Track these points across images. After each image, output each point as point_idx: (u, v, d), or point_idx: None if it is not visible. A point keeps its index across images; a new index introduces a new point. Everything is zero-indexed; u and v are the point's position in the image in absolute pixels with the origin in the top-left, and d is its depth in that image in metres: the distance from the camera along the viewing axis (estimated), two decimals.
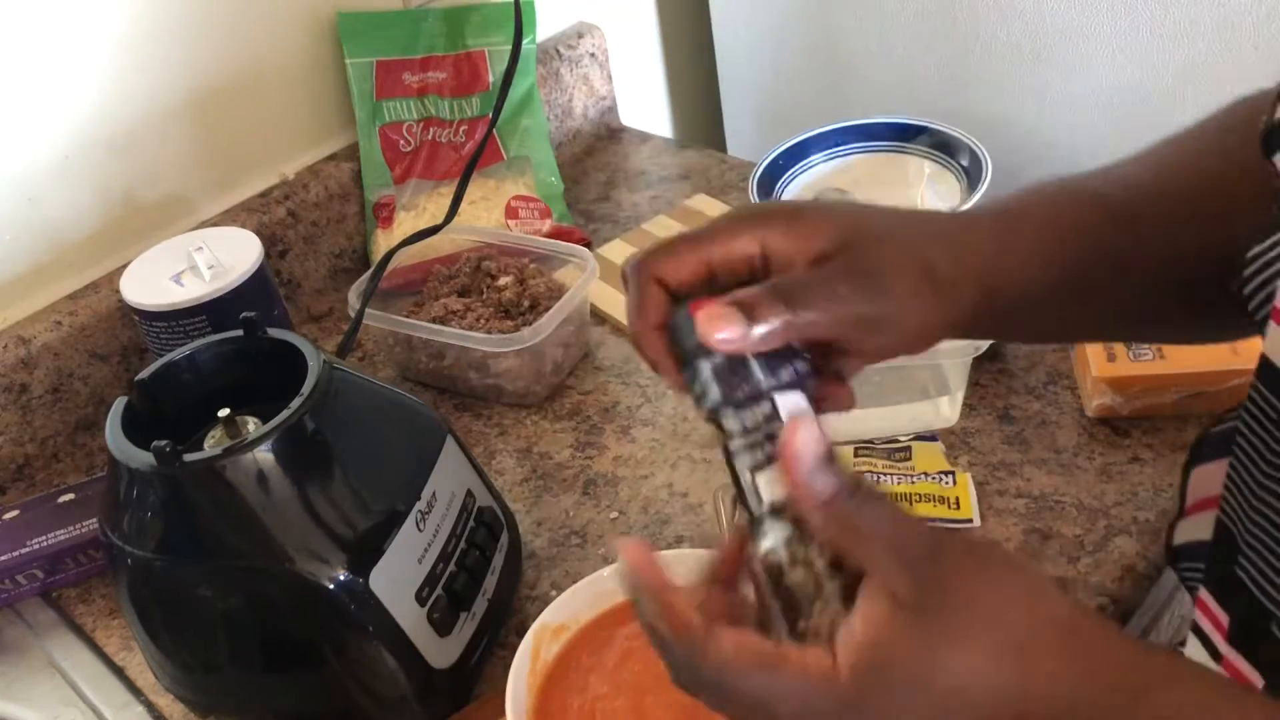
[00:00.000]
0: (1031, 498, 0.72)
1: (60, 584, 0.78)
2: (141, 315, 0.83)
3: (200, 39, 0.92)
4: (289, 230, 0.99)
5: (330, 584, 0.58)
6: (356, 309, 0.86)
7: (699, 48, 1.32)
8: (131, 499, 0.60)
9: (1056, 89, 1.04)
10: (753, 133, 1.32)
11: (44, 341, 0.87)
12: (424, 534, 0.63)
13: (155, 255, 0.86)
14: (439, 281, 0.92)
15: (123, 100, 0.90)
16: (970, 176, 0.96)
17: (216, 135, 0.96)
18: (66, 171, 0.88)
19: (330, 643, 0.60)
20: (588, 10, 1.19)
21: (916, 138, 1.01)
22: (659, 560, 0.41)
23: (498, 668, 0.67)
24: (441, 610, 0.62)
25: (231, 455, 0.58)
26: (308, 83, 1.01)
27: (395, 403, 0.69)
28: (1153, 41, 0.96)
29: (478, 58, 1.03)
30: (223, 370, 0.66)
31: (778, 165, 1.02)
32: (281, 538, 0.58)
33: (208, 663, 0.64)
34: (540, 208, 1.03)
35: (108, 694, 0.71)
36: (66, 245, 0.90)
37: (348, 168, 1.03)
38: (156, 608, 0.63)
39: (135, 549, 0.60)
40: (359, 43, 1.01)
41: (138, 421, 0.61)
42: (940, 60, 1.10)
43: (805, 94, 1.23)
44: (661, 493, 0.78)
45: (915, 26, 1.10)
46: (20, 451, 0.88)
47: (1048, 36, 1.01)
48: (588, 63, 1.17)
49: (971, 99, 1.09)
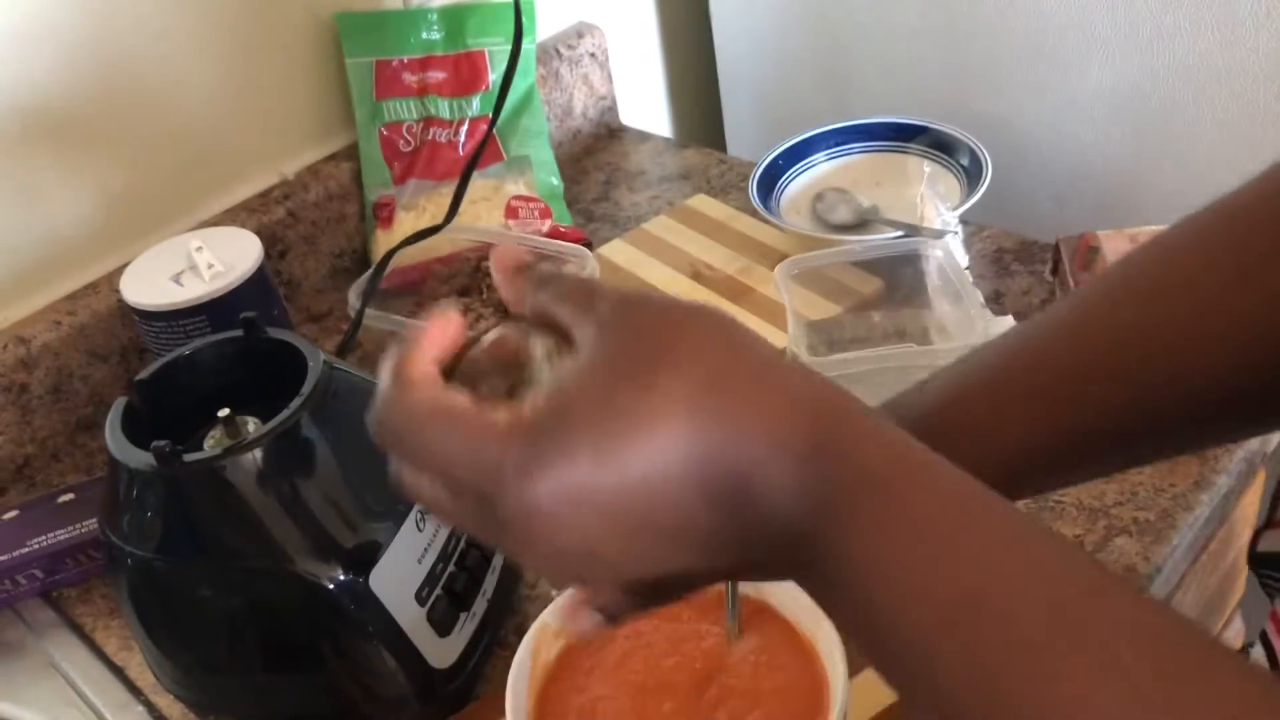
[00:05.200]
0: (1032, 498, 0.72)
1: (60, 584, 0.78)
2: (141, 315, 0.83)
3: (200, 39, 0.92)
4: (289, 230, 0.99)
5: (330, 584, 0.58)
6: (356, 309, 0.86)
7: (699, 48, 1.32)
8: (131, 499, 0.60)
9: (1056, 88, 1.04)
10: (753, 133, 1.32)
11: (44, 341, 0.87)
12: (424, 534, 0.63)
13: (155, 255, 0.86)
14: (439, 281, 0.92)
15: (123, 100, 0.90)
16: (970, 176, 0.96)
17: (216, 135, 0.96)
18: (66, 171, 0.88)
19: (330, 643, 0.60)
20: (588, 10, 1.19)
21: (916, 138, 1.01)
22: (460, 322, 0.39)
23: (498, 668, 0.67)
24: (441, 610, 0.62)
25: (231, 455, 0.58)
26: (308, 83, 1.01)
27: None
28: (1153, 41, 0.96)
29: (478, 58, 1.03)
30: (223, 370, 0.66)
31: (778, 165, 1.02)
32: (281, 538, 0.58)
33: (208, 663, 0.64)
34: (540, 208, 1.03)
35: (108, 694, 0.71)
36: (66, 245, 0.90)
37: (348, 168, 1.03)
38: (156, 608, 0.63)
39: (135, 549, 0.60)
40: (359, 43, 1.01)
41: (138, 421, 0.61)
42: (940, 60, 1.10)
43: (805, 94, 1.23)
44: None
45: (915, 26, 1.10)
46: (20, 451, 0.88)
47: (1048, 35, 1.01)
48: (588, 63, 1.17)
49: (971, 99, 1.09)
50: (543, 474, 0.33)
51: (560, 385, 0.35)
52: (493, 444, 0.34)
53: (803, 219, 0.99)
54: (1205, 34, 0.93)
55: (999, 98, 1.08)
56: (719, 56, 1.29)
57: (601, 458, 0.33)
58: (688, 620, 0.59)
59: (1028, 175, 1.09)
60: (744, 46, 1.26)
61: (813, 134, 1.03)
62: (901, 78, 1.14)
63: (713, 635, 0.58)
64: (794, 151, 1.03)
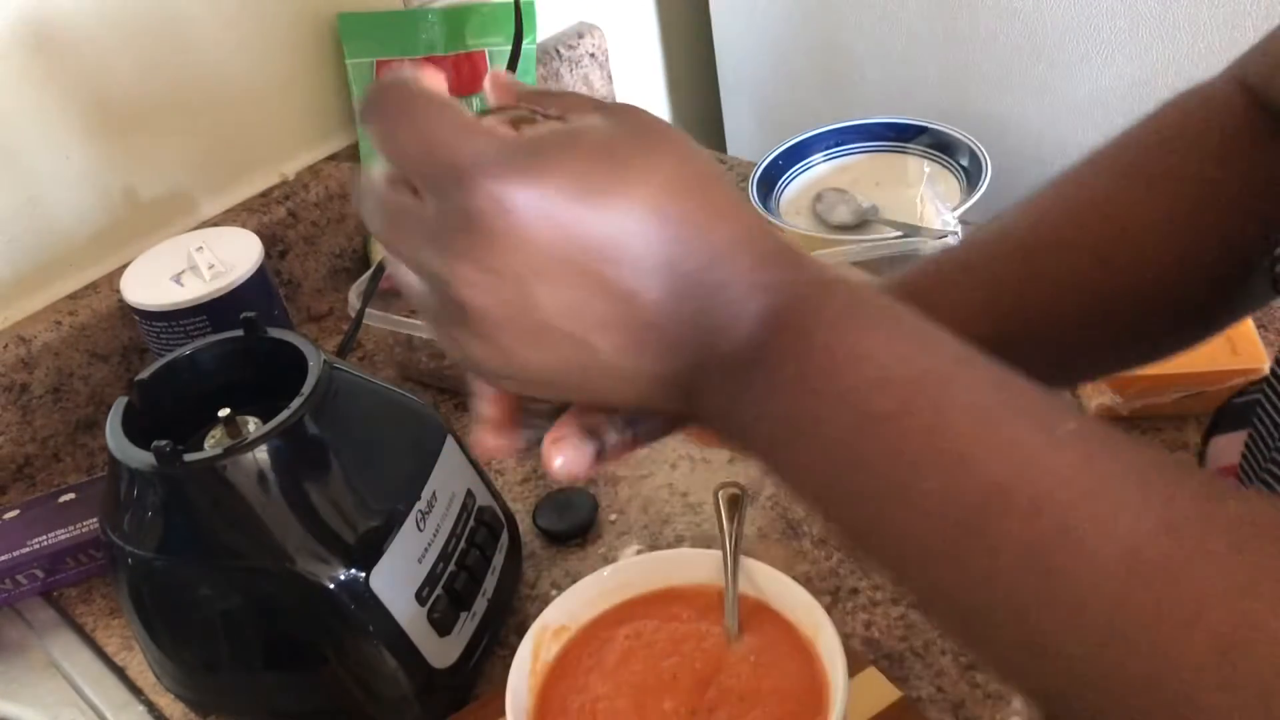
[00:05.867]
0: None
1: (60, 584, 0.78)
2: (141, 315, 0.83)
3: (200, 39, 0.92)
4: (289, 230, 0.99)
5: (330, 584, 0.58)
6: (356, 309, 0.86)
7: (699, 48, 1.32)
8: (132, 499, 0.60)
9: (1056, 88, 1.04)
10: (753, 133, 1.32)
11: (44, 341, 0.87)
12: (424, 534, 0.63)
13: (155, 255, 0.86)
14: None
15: (123, 100, 0.90)
16: (970, 176, 0.97)
17: (217, 135, 0.96)
18: (66, 171, 0.88)
19: (330, 642, 0.60)
20: (588, 10, 1.19)
21: (916, 138, 1.01)
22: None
23: (498, 668, 0.67)
24: (441, 610, 0.62)
25: (231, 455, 0.58)
26: (308, 83, 1.01)
27: (395, 403, 0.69)
28: (1153, 41, 0.96)
29: (478, 58, 1.03)
30: (223, 370, 0.66)
31: (777, 165, 1.02)
32: (282, 537, 0.58)
33: (208, 662, 0.64)
34: None
35: (108, 694, 0.71)
36: (66, 245, 0.90)
37: (348, 168, 1.03)
38: (156, 608, 0.63)
39: (135, 549, 0.60)
40: (359, 43, 1.01)
41: (138, 421, 0.61)
42: (940, 60, 1.10)
43: (805, 94, 1.23)
44: (661, 492, 0.78)
45: (915, 26, 1.10)
46: (20, 451, 0.88)
47: (1048, 36, 1.01)
48: (588, 63, 1.17)
49: (971, 99, 1.09)
50: (527, 177, 0.32)
51: (564, 126, 0.35)
52: (486, 137, 0.33)
53: (802, 219, 0.99)
54: (1205, 35, 0.93)
55: (999, 98, 1.08)
56: (719, 56, 1.29)
57: (589, 189, 0.32)
58: (688, 620, 0.59)
59: (1028, 175, 1.09)
60: (744, 46, 1.26)
61: (812, 134, 1.03)
62: (901, 78, 1.14)
63: (712, 635, 0.58)
64: (793, 152, 1.03)
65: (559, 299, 0.33)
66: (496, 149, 0.33)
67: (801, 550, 0.71)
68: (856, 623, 0.66)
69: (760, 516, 0.74)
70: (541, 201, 0.32)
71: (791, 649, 0.57)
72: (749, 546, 0.70)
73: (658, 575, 0.61)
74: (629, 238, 0.33)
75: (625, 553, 0.73)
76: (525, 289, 0.33)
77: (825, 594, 0.68)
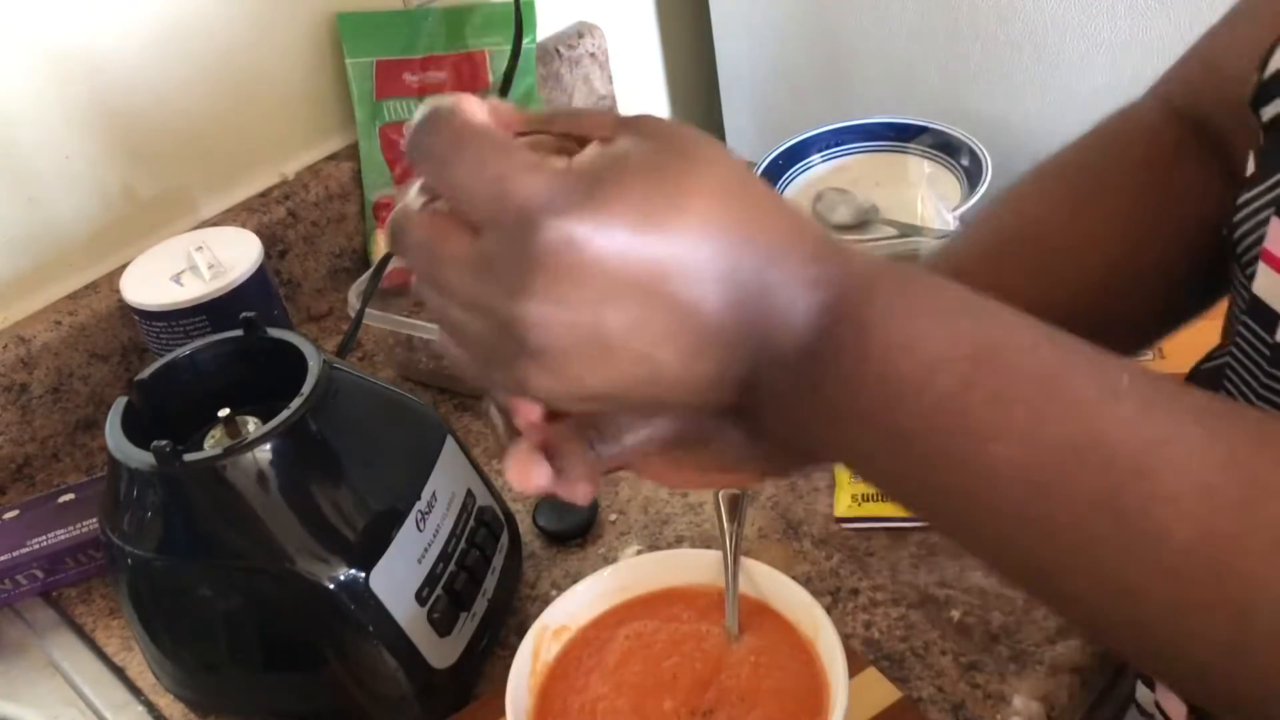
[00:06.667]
0: None
1: (60, 584, 0.78)
2: (141, 315, 0.83)
3: (200, 39, 0.92)
4: (289, 230, 0.99)
5: (330, 584, 0.58)
6: (356, 309, 0.86)
7: (699, 48, 1.32)
8: (131, 499, 0.60)
9: (1057, 88, 1.04)
10: (753, 133, 1.32)
11: (44, 341, 0.87)
12: (424, 534, 0.63)
13: (155, 255, 0.86)
14: None
15: (122, 100, 0.90)
16: (970, 176, 0.97)
17: (216, 135, 0.96)
18: (66, 171, 0.88)
19: (330, 642, 0.60)
20: (588, 10, 1.19)
21: (916, 138, 1.01)
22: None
23: (498, 668, 0.67)
24: (441, 610, 0.62)
25: (231, 455, 0.58)
26: (308, 83, 1.01)
27: (395, 403, 0.69)
28: (1154, 40, 0.96)
29: (478, 58, 1.03)
30: (223, 370, 0.66)
31: (778, 165, 1.02)
32: (281, 538, 0.58)
33: (208, 663, 0.64)
34: None
35: (108, 694, 0.71)
36: (66, 245, 0.90)
37: (348, 168, 1.03)
38: (156, 608, 0.63)
39: (135, 549, 0.60)
40: (359, 43, 1.01)
41: (138, 421, 0.61)
42: (940, 60, 1.10)
43: (805, 94, 1.23)
44: (661, 493, 0.78)
45: (915, 26, 1.10)
46: (20, 451, 0.88)
47: (1048, 36, 1.01)
48: (588, 63, 1.17)
49: (971, 99, 1.09)
50: (593, 213, 0.33)
51: (612, 150, 0.35)
52: (547, 175, 0.33)
53: None
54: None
55: (999, 98, 1.08)
56: (719, 56, 1.29)
57: (649, 215, 0.33)
58: (688, 620, 0.59)
59: None
60: (744, 46, 1.26)
61: (812, 134, 1.03)
62: (901, 78, 1.14)
63: (712, 635, 0.58)
64: (793, 151, 1.03)
65: (625, 321, 0.34)
66: (559, 186, 0.33)
67: (801, 550, 0.71)
68: (856, 623, 0.66)
69: (760, 516, 0.74)
70: (608, 234, 0.33)
71: (792, 649, 0.57)
72: (749, 547, 0.70)
73: (658, 575, 0.61)
74: (688, 254, 0.34)
75: (625, 553, 0.73)
76: (595, 317, 0.34)
77: (825, 594, 0.68)
